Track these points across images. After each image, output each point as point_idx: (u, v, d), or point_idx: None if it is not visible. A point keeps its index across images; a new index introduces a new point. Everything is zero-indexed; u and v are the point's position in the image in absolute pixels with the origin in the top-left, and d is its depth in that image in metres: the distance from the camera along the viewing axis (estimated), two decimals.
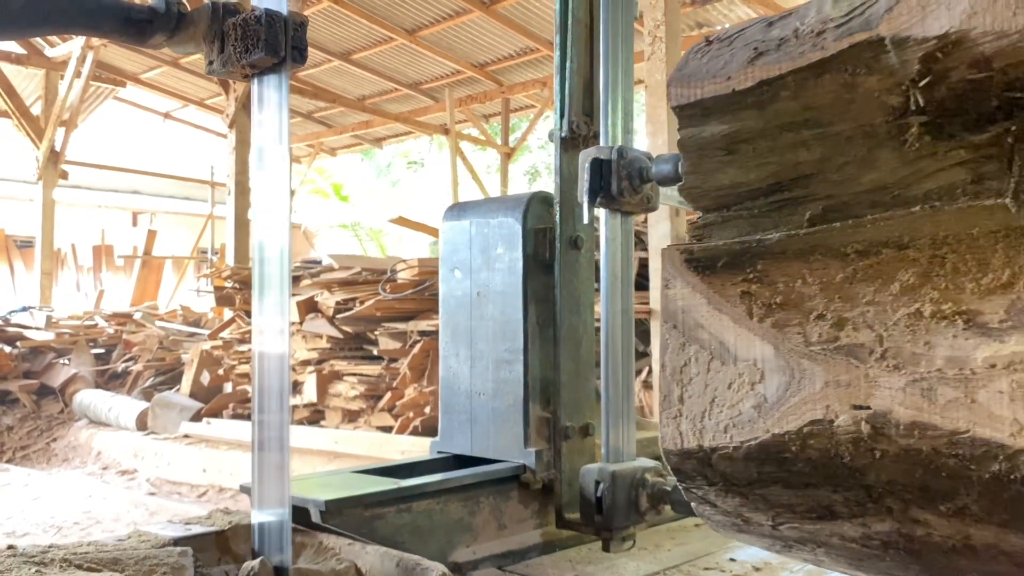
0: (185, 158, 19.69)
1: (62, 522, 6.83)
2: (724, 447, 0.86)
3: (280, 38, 1.59)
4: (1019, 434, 0.67)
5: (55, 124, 14.37)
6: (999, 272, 0.73)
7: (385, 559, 1.50)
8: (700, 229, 0.95)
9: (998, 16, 0.68)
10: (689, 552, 1.98)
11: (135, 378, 11.55)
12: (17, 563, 1.40)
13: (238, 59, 1.61)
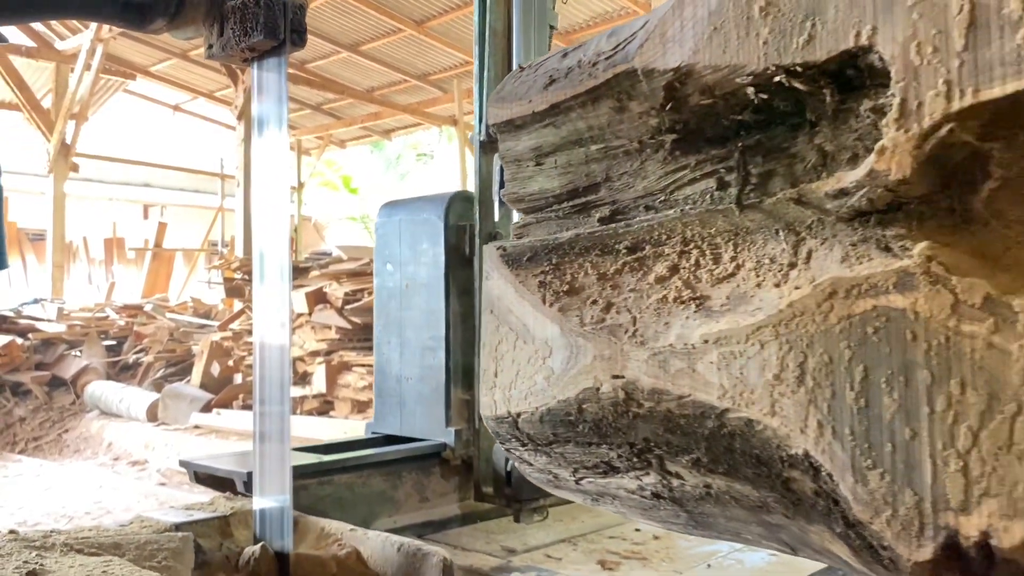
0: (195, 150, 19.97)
1: (73, 512, 7.03)
2: (526, 412, 1.05)
3: (279, 21, 1.58)
4: (724, 397, 0.86)
5: (65, 117, 14.64)
6: (727, 264, 0.92)
7: (386, 545, 1.53)
8: (520, 229, 1.14)
9: (713, 53, 0.87)
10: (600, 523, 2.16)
11: (146, 369, 11.73)
12: (18, 547, 1.42)
13: (237, 42, 1.62)
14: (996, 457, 0.72)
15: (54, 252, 14.57)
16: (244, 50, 1.62)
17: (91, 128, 15.97)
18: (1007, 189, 0.78)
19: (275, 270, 1.62)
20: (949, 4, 0.75)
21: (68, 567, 1.33)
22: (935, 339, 0.75)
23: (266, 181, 1.64)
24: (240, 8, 1.60)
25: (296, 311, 9.36)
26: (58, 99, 14.93)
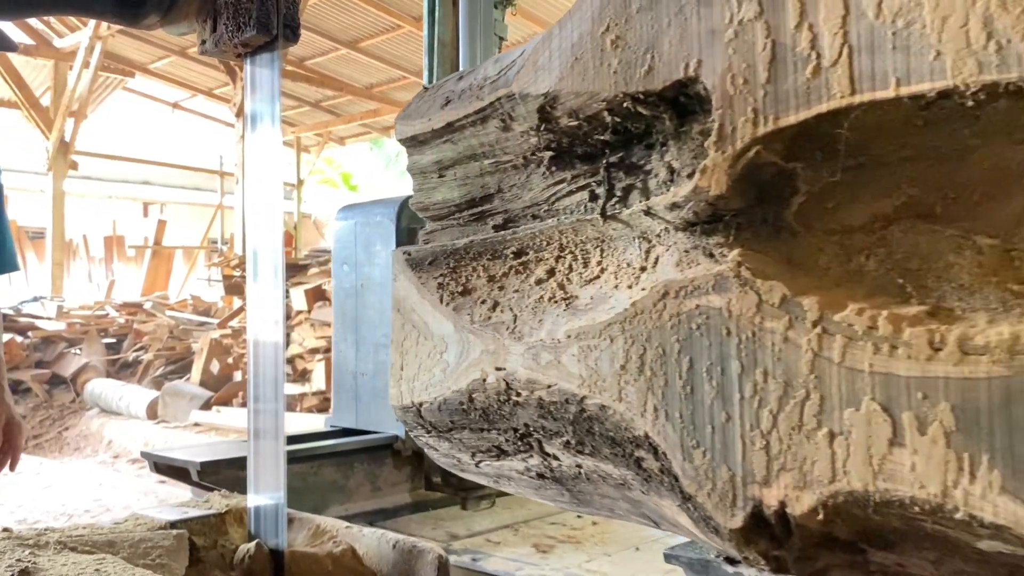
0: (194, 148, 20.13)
1: (73, 510, 7.15)
2: (427, 402, 1.18)
3: (272, 16, 1.59)
4: (582, 385, 0.98)
5: (64, 115, 14.80)
6: (594, 268, 1.05)
7: (382, 541, 1.54)
8: (427, 235, 1.27)
9: (575, 80, 1.00)
10: (544, 511, 2.29)
11: (145, 367, 11.84)
12: (11, 545, 1.41)
13: (230, 38, 1.62)
14: (790, 437, 0.84)
15: (54, 250, 14.73)
16: (237, 45, 1.63)
17: (90, 126, 16.14)
18: (813, 203, 0.91)
19: (269, 268, 1.63)
20: (756, 41, 0.87)
21: (61, 565, 1.34)
22: (744, 334, 0.88)
23: (259, 178, 1.66)
24: (233, 3, 1.61)
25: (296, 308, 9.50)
26: (57, 97, 15.09)
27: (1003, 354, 0.72)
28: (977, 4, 0.74)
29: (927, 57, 0.76)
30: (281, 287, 1.59)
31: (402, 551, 1.47)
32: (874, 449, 0.79)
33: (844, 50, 0.81)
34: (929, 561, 0.82)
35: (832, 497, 0.82)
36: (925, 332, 0.76)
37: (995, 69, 0.73)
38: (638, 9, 0.97)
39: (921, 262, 0.84)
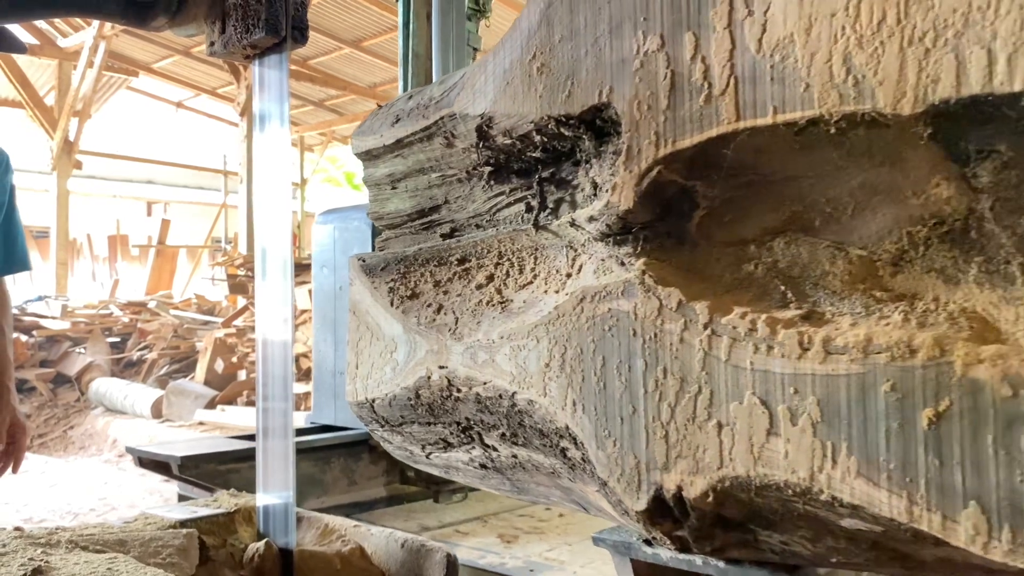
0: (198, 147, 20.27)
1: (78, 509, 7.24)
2: (379, 398, 1.28)
3: (281, 18, 1.61)
4: (513, 382, 1.09)
5: (68, 114, 14.93)
6: (528, 274, 1.15)
7: (390, 541, 1.54)
8: (383, 243, 1.37)
9: (507, 103, 1.10)
10: (514, 504, 2.38)
11: (150, 366, 11.91)
12: (24, 544, 1.42)
13: (239, 40, 1.63)
14: (686, 427, 0.95)
15: (58, 249, 14.85)
16: (246, 47, 1.63)
17: (94, 125, 16.27)
18: (712, 217, 1.01)
19: (277, 266, 1.63)
20: (659, 71, 0.97)
21: (73, 564, 1.35)
22: (647, 335, 0.98)
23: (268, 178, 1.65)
24: (242, 5, 1.62)
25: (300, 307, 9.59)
26: (61, 96, 15.21)
27: (859, 354, 0.82)
28: (839, 42, 0.84)
29: (799, 89, 0.86)
30: (290, 286, 1.59)
31: (411, 550, 1.48)
32: (755, 438, 0.89)
33: (731, 81, 0.91)
34: (806, 539, 0.92)
35: (720, 482, 0.92)
36: (796, 334, 0.87)
37: (853, 101, 0.83)
38: (560, 39, 1.07)
39: (801, 271, 0.94)
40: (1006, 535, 0.74)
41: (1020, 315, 0.79)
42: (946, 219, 0.84)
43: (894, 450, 0.80)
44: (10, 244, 2.68)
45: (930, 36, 0.78)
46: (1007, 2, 0.74)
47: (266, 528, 1.66)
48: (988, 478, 0.75)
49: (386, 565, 1.54)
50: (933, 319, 0.83)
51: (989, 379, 0.74)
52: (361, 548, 1.57)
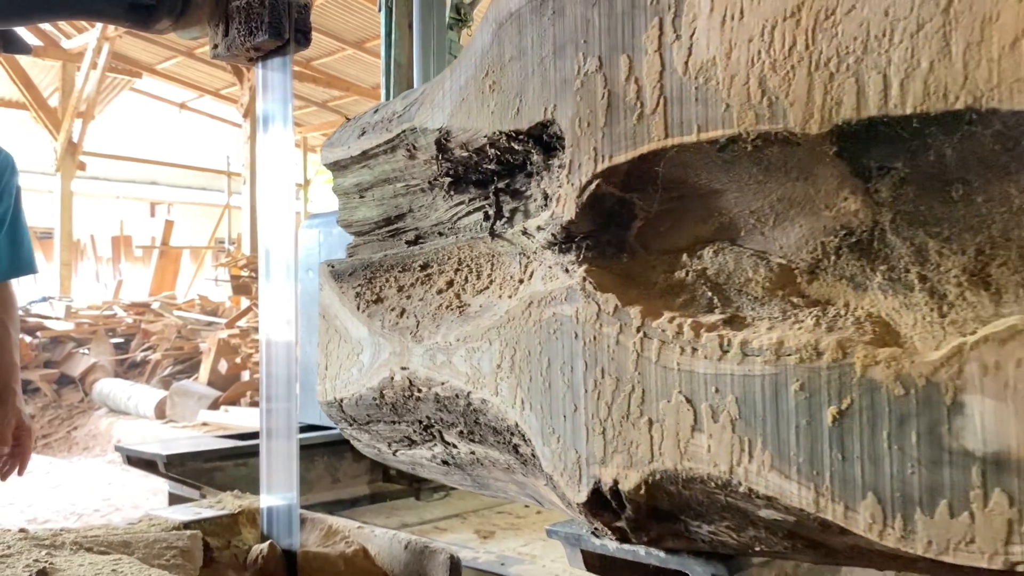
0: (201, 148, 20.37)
1: (82, 509, 7.30)
2: (347, 398, 1.35)
3: (284, 20, 1.62)
4: (468, 382, 1.16)
5: (72, 115, 15.03)
6: (485, 280, 1.22)
7: (394, 542, 1.53)
8: (352, 249, 1.44)
9: (463, 118, 1.17)
10: (494, 502, 2.45)
11: (153, 367, 11.96)
12: (28, 546, 1.42)
13: (242, 42, 1.65)
14: (621, 424, 1.02)
15: (62, 250, 14.95)
16: (249, 50, 1.65)
17: (98, 126, 16.38)
18: (649, 227, 1.08)
19: (281, 267, 1.62)
20: (597, 91, 1.04)
21: (78, 565, 1.35)
22: (588, 337, 1.05)
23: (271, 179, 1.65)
24: (245, 8, 1.64)
25: None
26: (65, 98, 15.31)
27: (772, 355, 0.89)
28: (755, 66, 0.90)
29: (720, 109, 0.93)
30: (293, 286, 1.57)
31: (414, 551, 1.48)
32: (681, 434, 0.96)
33: (660, 101, 0.98)
34: (731, 529, 0.98)
35: (652, 475, 0.99)
36: (717, 337, 0.93)
37: (767, 121, 0.89)
38: (510, 59, 1.14)
39: (727, 278, 1.01)
40: (898, 523, 0.81)
41: (918, 320, 0.86)
42: (855, 231, 0.91)
43: (803, 445, 0.86)
44: (16, 247, 2.73)
45: (834, 62, 0.85)
46: (900, 32, 0.81)
47: (270, 529, 1.68)
48: (883, 471, 0.82)
49: (389, 567, 1.55)
50: (841, 323, 0.89)
51: (884, 379, 0.81)
52: (365, 549, 1.58)
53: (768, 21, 0.89)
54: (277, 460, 1.66)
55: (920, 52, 0.80)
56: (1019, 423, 0.74)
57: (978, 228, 0.82)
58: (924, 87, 0.79)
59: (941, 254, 0.85)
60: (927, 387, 0.79)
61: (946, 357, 0.78)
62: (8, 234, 2.68)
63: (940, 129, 0.80)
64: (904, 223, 0.87)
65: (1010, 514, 0.75)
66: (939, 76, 0.78)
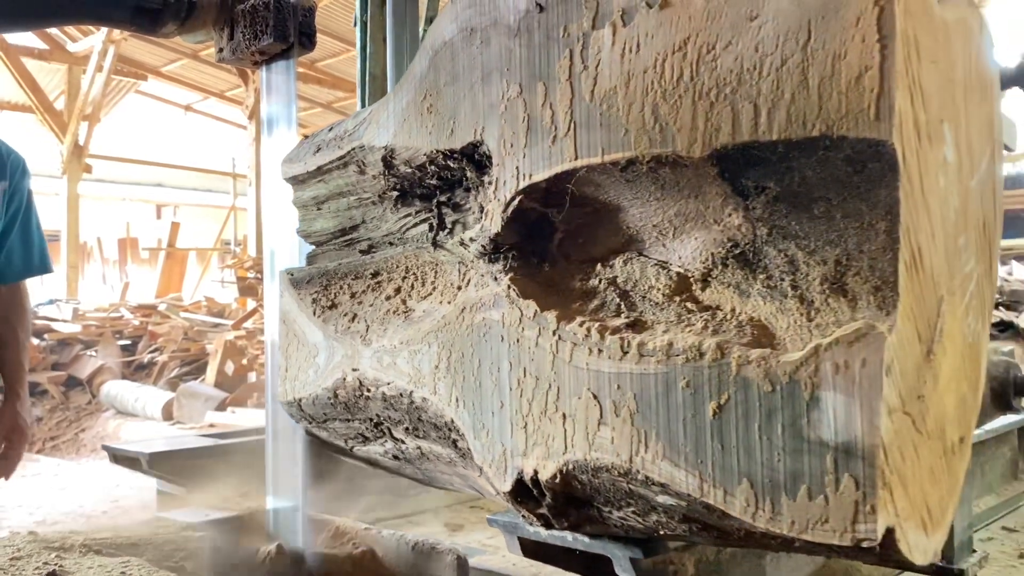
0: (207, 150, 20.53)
1: (91, 511, 7.41)
2: (305, 398, 1.46)
3: (289, 24, 1.64)
4: (410, 382, 1.26)
5: (78, 118, 15.19)
6: (429, 287, 1.33)
7: (401, 543, 1.56)
8: (310, 258, 1.55)
9: (405, 137, 1.28)
10: (468, 497, 2.55)
11: (160, 369, 12.06)
12: (38, 548, 1.45)
13: (247, 46, 1.67)
14: (540, 419, 1.12)
15: (69, 253, 15.09)
16: (254, 53, 1.69)
17: (104, 129, 16.53)
18: (569, 239, 1.18)
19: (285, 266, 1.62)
20: (518, 115, 1.15)
21: (87, 568, 1.38)
22: (512, 340, 1.16)
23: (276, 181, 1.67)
24: (250, 12, 1.67)
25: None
26: (71, 101, 15.47)
27: (663, 356, 0.99)
28: (649, 95, 1.01)
29: (620, 133, 1.03)
30: None
31: (421, 552, 1.52)
32: (589, 427, 1.06)
33: (571, 125, 1.09)
34: (636, 514, 1.09)
35: (566, 465, 1.09)
36: (619, 339, 1.04)
37: (659, 144, 1.00)
38: (444, 84, 1.25)
39: (634, 285, 1.11)
40: (768, 506, 0.91)
41: (790, 323, 0.96)
42: (739, 243, 1.02)
43: (689, 436, 0.97)
44: (29, 247, 2.80)
45: (714, 92, 0.95)
46: (767, 66, 0.91)
47: (277, 531, 1.71)
48: (755, 459, 0.92)
49: (397, 567, 1.58)
50: (725, 327, 1.00)
51: (755, 377, 0.92)
52: (372, 551, 1.62)
53: (660, 54, 1.00)
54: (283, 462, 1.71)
55: (784, 84, 0.90)
56: (864, 415, 0.85)
57: (837, 242, 0.93)
58: (787, 116, 0.90)
59: (808, 264, 0.95)
60: (790, 384, 0.89)
61: (805, 357, 0.88)
62: (20, 235, 2.77)
63: (801, 153, 0.91)
64: (778, 236, 0.98)
65: (856, 496, 0.85)
66: (799, 106, 0.89)
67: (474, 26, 1.21)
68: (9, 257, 2.73)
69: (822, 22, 0.88)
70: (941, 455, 1.01)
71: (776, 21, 0.91)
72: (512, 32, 1.16)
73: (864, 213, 0.90)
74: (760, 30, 0.92)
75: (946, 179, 0.98)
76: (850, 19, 0.86)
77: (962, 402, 1.08)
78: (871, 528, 0.85)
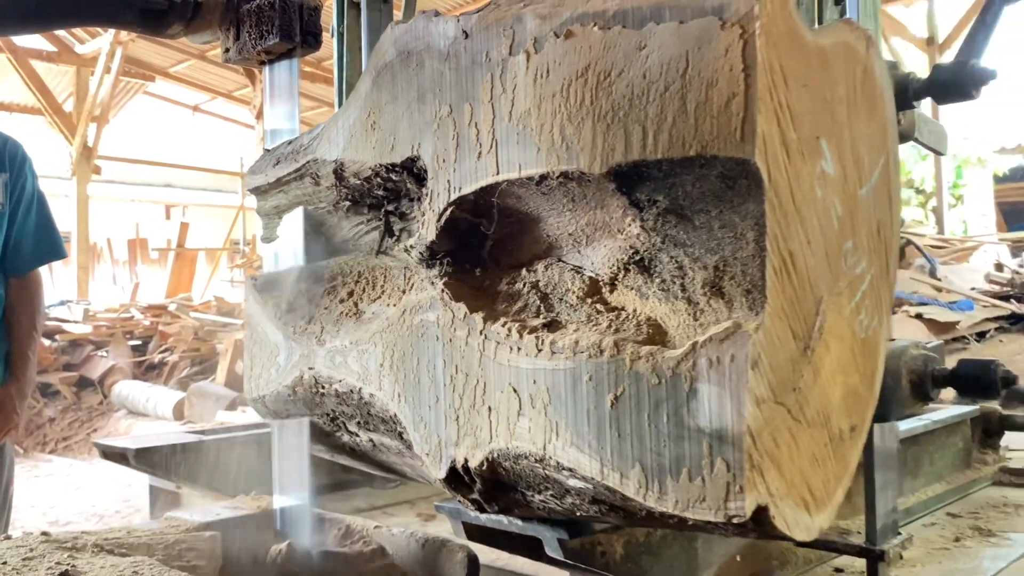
0: (215, 150, 20.75)
1: (103, 511, 7.58)
2: (268, 394, 1.59)
3: (294, 24, 1.66)
4: (359, 379, 1.39)
5: (87, 120, 15.42)
6: (379, 291, 1.45)
7: (411, 541, 1.57)
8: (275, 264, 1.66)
9: (352, 151, 1.40)
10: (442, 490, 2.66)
11: (171, 369, 12.23)
12: (50, 549, 1.47)
13: (253, 46, 1.69)
14: (469, 412, 1.24)
15: (79, 254, 15.31)
16: (260, 53, 1.71)
17: (112, 130, 16.77)
18: (498, 246, 1.30)
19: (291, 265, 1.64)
20: (449, 133, 1.27)
21: (99, 567, 1.40)
22: (446, 340, 1.27)
23: None
24: (255, 12, 1.69)
25: None
26: (79, 102, 15.69)
27: (571, 352, 1.11)
28: (557, 117, 1.13)
29: (534, 151, 1.15)
30: None
31: (431, 550, 1.54)
32: (510, 418, 1.18)
33: (493, 143, 1.20)
34: (554, 497, 1.21)
35: (491, 453, 1.21)
36: (535, 338, 1.16)
37: (566, 162, 1.11)
38: (386, 102, 1.37)
39: (553, 288, 1.23)
40: (656, 487, 1.03)
41: (680, 323, 1.08)
42: (639, 250, 1.13)
43: (592, 425, 1.09)
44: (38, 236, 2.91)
45: (610, 115, 1.07)
46: (653, 92, 1.03)
47: (287, 530, 1.73)
48: (646, 445, 1.04)
49: (407, 565, 1.60)
50: (626, 326, 1.12)
51: (645, 371, 1.03)
52: (382, 548, 1.64)
53: (565, 80, 1.11)
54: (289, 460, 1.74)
55: (667, 109, 1.01)
56: (733, 405, 0.96)
57: (715, 249, 1.04)
58: (670, 137, 1.01)
59: (693, 270, 1.07)
60: (673, 377, 1.01)
61: (684, 353, 1.00)
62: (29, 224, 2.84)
63: (683, 171, 1.02)
64: (670, 244, 1.09)
65: (728, 478, 0.97)
66: (679, 128, 1.00)
67: (410, 49, 1.32)
68: (18, 248, 2.84)
69: (698, 52, 0.99)
70: (826, 442, 1.12)
71: (660, 51, 1.02)
72: (442, 56, 1.27)
73: (737, 224, 1.01)
74: (647, 59, 1.03)
75: (825, 190, 1.09)
76: (720, 50, 0.97)
77: (852, 394, 1.19)
78: (740, 506, 0.96)
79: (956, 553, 1.77)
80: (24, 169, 2.90)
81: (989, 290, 9.31)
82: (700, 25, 0.99)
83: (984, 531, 1.89)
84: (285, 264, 1.64)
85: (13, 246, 2.87)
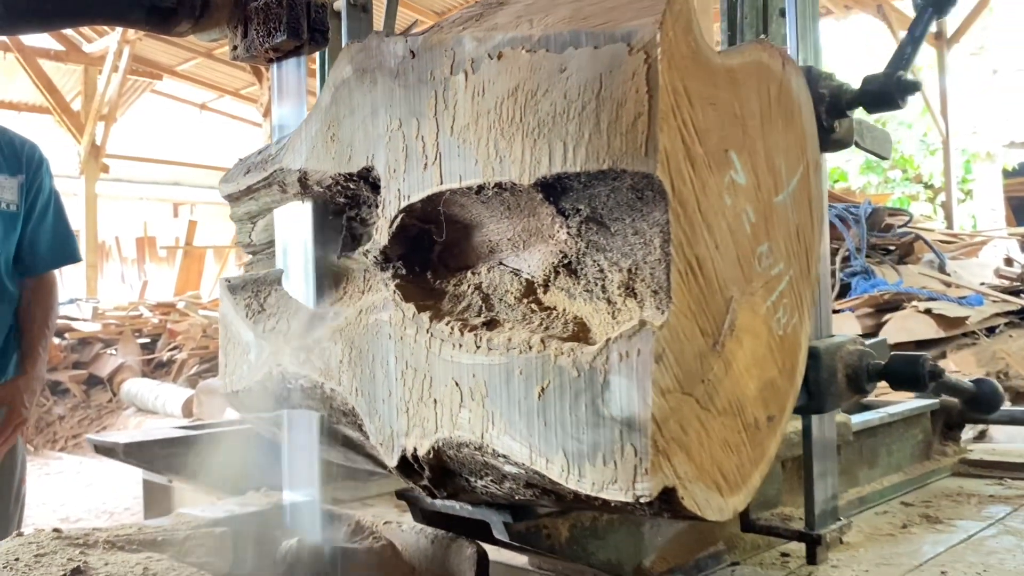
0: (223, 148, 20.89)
1: (114, 508, 7.70)
2: (241, 390, 1.70)
3: (302, 21, 1.68)
4: (321, 375, 1.50)
5: (95, 118, 15.56)
6: (341, 292, 1.56)
7: (420, 537, 1.59)
8: (247, 267, 1.78)
9: (314, 161, 1.51)
10: None
11: (180, 366, 12.34)
12: (62, 545, 1.49)
13: (261, 43, 1.71)
14: (418, 404, 1.35)
15: (87, 252, 15.44)
16: (268, 50, 1.73)
17: (120, 129, 16.93)
18: (446, 250, 1.41)
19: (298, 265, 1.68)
20: (398, 145, 1.38)
21: (111, 564, 1.43)
22: (397, 338, 1.39)
23: None
24: (263, 9, 1.71)
25: None
26: (87, 101, 15.84)
27: (504, 349, 1.22)
28: (492, 132, 1.23)
29: (472, 163, 1.26)
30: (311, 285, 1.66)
31: (441, 546, 1.57)
32: (453, 410, 1.29)
33: (437, 155, 1.31)
34: (494, 483, 1.32)
35: (436, 442, 1.32)
36: (474, 336, 1.27)
37: (499, 174, 1.22)
38: (343, 116, 1.48)
39: (494, 289, 1.34)
40: (576, 471, 1.14)
41: (601, 321, 1.19)
42: (567, 254, 1.24)
43: (523, 415, 1.19)
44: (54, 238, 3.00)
45: (536, 131, 1.17)
46: (572, 111, 1.13)
47: (297, 526, 1.76)
48: (568, 433, 1.14)
49: (417, 561, 1.63)
50: (555, 324, 1.22)
51: (567, 365, 1.14)
52: (392, 544, 1.66)
53: (499, 98, 1.22)
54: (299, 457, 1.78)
55: (584, 126, 1.12)
56: (639, 395, 1.07)
57: (629, 254, 1.15)
58: (586, 152, 1.12)
59: (611, 272, 1.18)
60: (590, 370, 1.11)
61: (599, 348, 1.11)
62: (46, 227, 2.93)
63: (599, 183, 1.13)
64: (592, 249, 1.20)
65: (635, 462, 1.07)
66: (595, 145, 1.11)
67: (365, 67, 1.44)
68: (34, 248, 2.94)
69: (610, 75, 1.10)
70: (739, 430, 1.22)
71: (579, 74, 1.13)
72: (393, 74, 1.38)
73: (646, 231, 1.12)
74: (568, 81, 1.14)
75: (736, 198, 1.20)
76: (628, 73, 1.08)
77: (769, 386, 1.29)
78: (647, 487, 1.07)
79: (900, 539, 1.86)
80: (41, 171, 2.99)
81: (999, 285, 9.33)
82: (611, 51, 1.10)
83: (932, 518, 1.98)
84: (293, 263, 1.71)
85: (29, 247, 2.95)
